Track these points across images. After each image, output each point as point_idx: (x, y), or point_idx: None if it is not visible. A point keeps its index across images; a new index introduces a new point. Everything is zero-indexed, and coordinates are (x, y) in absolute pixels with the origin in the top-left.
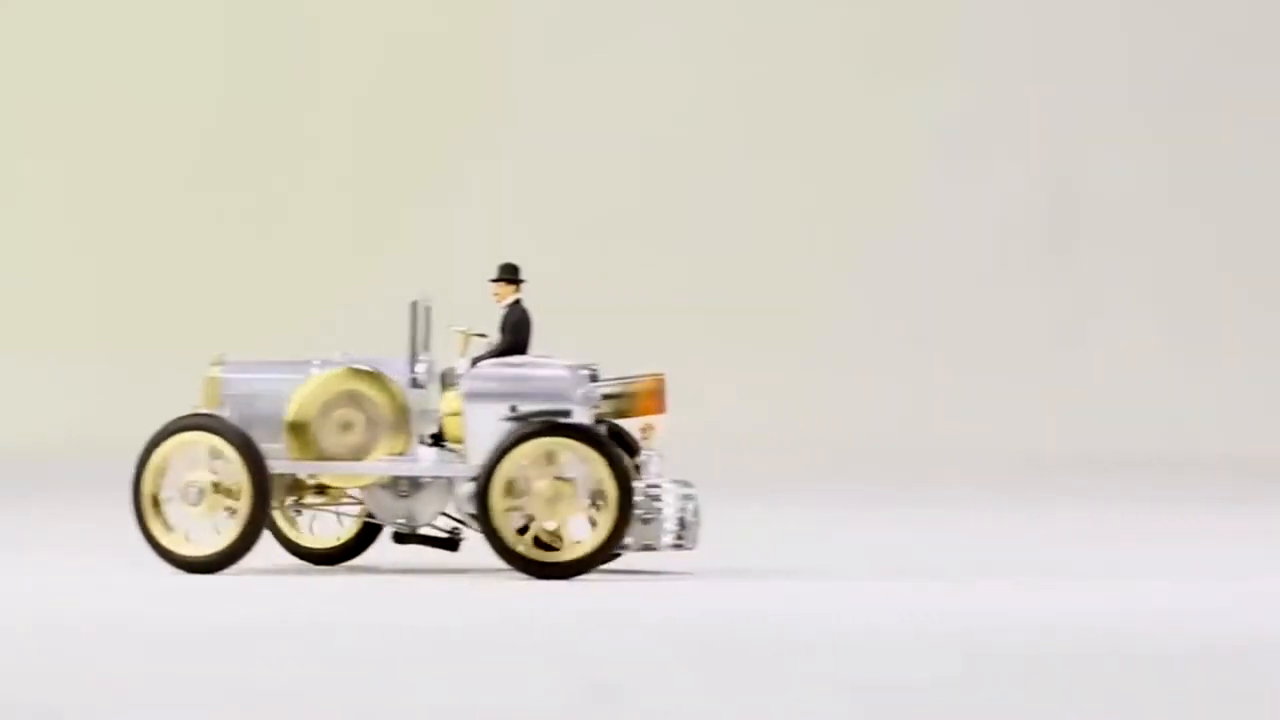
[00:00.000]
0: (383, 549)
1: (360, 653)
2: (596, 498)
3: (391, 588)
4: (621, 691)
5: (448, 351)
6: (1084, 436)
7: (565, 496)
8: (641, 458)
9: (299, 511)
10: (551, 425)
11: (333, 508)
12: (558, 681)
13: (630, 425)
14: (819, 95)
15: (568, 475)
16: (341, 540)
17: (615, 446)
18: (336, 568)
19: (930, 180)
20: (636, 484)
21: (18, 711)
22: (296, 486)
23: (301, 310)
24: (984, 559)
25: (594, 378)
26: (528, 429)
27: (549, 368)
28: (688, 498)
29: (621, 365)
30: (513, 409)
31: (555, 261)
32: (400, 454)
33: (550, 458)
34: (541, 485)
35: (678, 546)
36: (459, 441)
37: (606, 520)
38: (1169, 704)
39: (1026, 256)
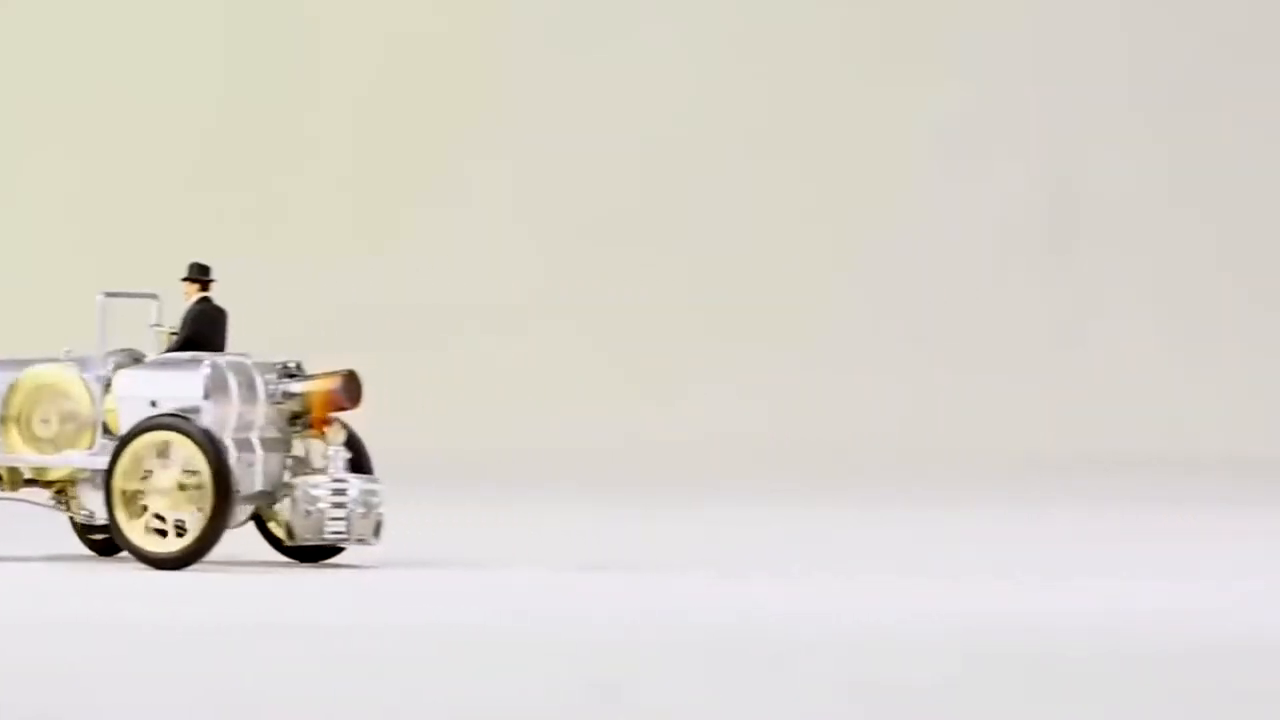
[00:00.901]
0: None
1: (354, 652)
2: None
3: (382, 587)
4: (619, 691)
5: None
6: (1084, 436)
7: (178, 491)
8: (330, 453)
9: (61, 504)
10: (160, 421)
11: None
12: (556, 681)
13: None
14: (819, 95)
15: (192, 470)
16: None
17: (217, 441)
18: (329, 566)
19: (930, 180)
20: (318, 478)
21: (12, 712)
22: (53, 480)
23: (301, 310)
24: (984, 559)
25: (291, 374)
26: (141, 424)
27: (186, 364)
28: (369, 493)
29: (621, 365)
30: (152, 404)
31: (555, 261)
32: (88, 449)
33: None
34: (162, 478)
35: (348, 540)
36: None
37: (204, 514)
38: (1169, 704)
39: (1026, 256)
